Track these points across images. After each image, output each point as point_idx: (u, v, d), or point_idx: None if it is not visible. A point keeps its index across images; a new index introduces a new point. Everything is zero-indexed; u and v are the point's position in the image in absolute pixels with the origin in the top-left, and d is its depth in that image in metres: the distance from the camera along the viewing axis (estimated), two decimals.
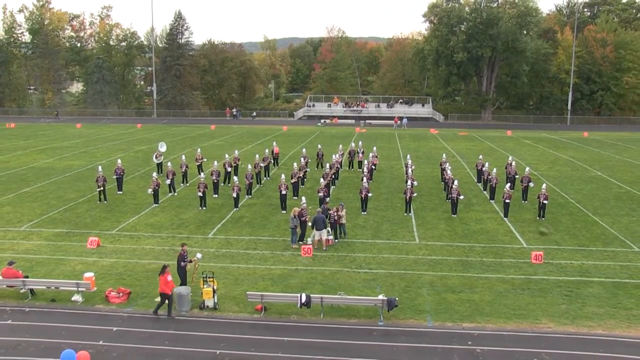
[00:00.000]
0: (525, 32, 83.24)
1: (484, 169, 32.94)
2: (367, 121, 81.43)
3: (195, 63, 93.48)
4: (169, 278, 15.47)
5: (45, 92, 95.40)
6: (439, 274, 18.99)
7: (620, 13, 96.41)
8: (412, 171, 31.63)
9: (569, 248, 21.96)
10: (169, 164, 32.41)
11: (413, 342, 14.38)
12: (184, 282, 17.18)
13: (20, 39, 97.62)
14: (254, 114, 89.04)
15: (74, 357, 11.16)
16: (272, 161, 38.31)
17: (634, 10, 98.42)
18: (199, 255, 17.47)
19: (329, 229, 21.85)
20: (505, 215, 26.31)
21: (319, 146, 41.48)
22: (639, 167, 41.42)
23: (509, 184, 27.94)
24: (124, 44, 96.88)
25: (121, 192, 30.62)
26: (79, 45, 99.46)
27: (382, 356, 13.65)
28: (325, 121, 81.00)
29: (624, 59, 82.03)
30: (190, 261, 17.13)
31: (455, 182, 27.22)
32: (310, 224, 21.86)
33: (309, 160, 36.28)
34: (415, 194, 27.41)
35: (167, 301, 15.59)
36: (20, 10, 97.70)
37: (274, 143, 42.72)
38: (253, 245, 22.03)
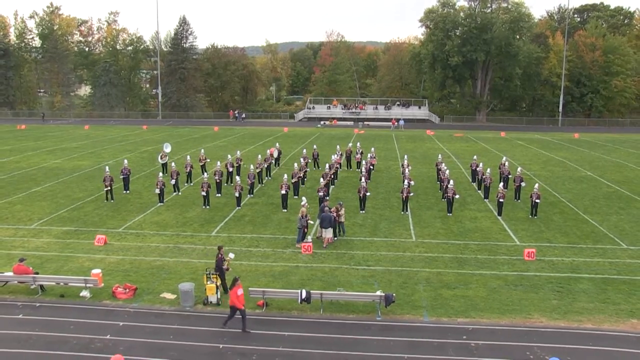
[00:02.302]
0: (517, 36, 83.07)
1: (478, 169, 32.91)
2: (366, 123, 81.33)
3: (199, 66, 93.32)
4: (240, 292, 14.48)
5: (54, 94, 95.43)
6: (435, 271, 18.98)
7: (608, 19, 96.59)
8: (408, 171, 31.60)
9: (560, 245, 21.96)
10: (174, 164, 32.37)
11: (410, 336, 14.37)
12: (224, 283, 16.71)
13: (30, 43, 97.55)
14: (243, 115, 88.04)
15: None
16: (273, 162, 38.30)
17: (622, 17, 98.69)
18: (231, 255, 17.43)
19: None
20: (499, 213, 26.30)
21: (314, 147, 41.77)
22: (627, 167, 41.42)
23: (502, 184, 27.87)
24: (130, 48, 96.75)
25: (128, 192, 30.61)
26: (87, 49, 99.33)
27: (379, 350, 13.65)
28: (325, 123, 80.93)
29: (613, 63, 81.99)
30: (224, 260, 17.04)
31: (451, 182, 27.19)
32: (318, 221, 21.90)
33: (309, 161, 36.32)
34: (412, 194, 27.38)
35: (239, 315, 14.48)
36: (31, 16, 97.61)
37: (277, 144, 42.69)
38: (255, 243, 22.01)
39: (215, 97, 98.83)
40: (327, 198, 26.38)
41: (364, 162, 35.13)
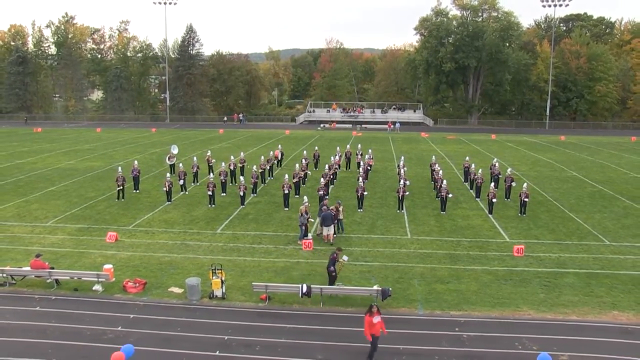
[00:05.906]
0: (507, 44, 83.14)
1: (470, 169, 32.92)
2: (363, 126, 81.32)
3: (205, 72, 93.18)
4: (375, 320, 12.56)
5: (68, 99, 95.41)
6: (429, 266, 18.98)
7: (592, 28, 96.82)
8: (404, 172, 31.57)
9: (547, 242, 21.96)
10: (181, 165, 32.36)
11: (405, 328, 14.38)
12: (332, 281, 16.62)
13: (47, 51, 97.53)
14: (225, 118, 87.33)
15: (131, 351, 11.37)
16: (276, 162, 38.30)
17: (604, 26, 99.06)
18: (345, 258, 17.24)
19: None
20: (490, 212, 26.30)
21: (316, 148, 41.82)
22: (609, 168, 41.43)
23: (493, 184, 27.90)
24: (140, 55, 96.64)
25: (137, 191, 30.60)
26: (99, 56, 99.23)
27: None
28: (324, 125, 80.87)
29: (596, 69, 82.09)
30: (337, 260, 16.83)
31: (444, 182, 27.20)
32: (318, 219, 21.86)
33: (309, 162, 36.32)
34: (407, 193, 27.37)
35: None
36: (48, 26, 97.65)
37: (279, 146, 42.69)
38: (258, 239, 22.01)
39: (221, 101, 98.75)
40: (327, 197, 26.36)
41: (361, 162, 35.11)
